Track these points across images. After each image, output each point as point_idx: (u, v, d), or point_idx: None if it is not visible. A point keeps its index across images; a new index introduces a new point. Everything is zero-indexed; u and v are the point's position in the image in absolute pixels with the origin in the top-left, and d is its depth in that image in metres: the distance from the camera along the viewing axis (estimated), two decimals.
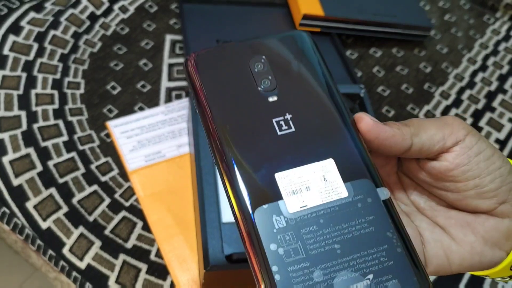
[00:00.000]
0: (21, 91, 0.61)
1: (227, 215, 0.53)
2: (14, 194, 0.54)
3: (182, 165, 0.59)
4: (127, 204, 0.55)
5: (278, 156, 0.25)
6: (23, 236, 0.54)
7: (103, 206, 0.55)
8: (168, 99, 0.65)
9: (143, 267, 0.52)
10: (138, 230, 0.54)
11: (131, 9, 0.73)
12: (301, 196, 0.24)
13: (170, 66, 0.68)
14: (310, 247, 0.23)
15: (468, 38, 0.85)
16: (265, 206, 0.24)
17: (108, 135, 0.60)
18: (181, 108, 0.64)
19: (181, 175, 0.58)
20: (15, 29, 0.66)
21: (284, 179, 0.24)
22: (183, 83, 0.67)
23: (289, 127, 0.26)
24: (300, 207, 0.24)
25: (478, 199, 0.26)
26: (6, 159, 0.55)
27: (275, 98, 0.27)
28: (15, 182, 0.54)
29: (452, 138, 0.26)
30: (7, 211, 0.54)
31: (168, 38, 0.71)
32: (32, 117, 0.59)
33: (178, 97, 0.65)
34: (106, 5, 0.72)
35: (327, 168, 0.25)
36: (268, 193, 0.24)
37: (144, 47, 0.69)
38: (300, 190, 0.24)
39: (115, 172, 0.57)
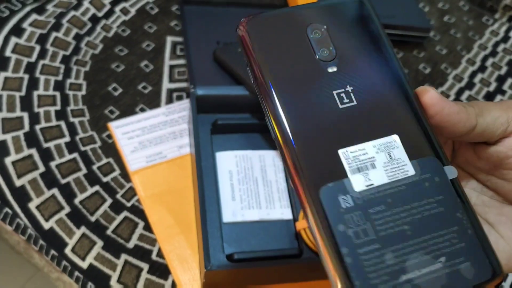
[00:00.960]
0: (23, 93, 0.61)
1: (227, 215, 0.54)
2: (17, 194, 0.55)
3: (183, 165, 0.59)
4: (128, 204, 0.56)
5: (341, 130, 0.24)
6: (26, 237, 0.54)
7: (105, 207, 0.55)
8: (169, 100, 0.65)
9: (145, 266, 0.52)
10: (139, 230, 0.54)
11: (132, 11, 0.74)
12: (366, 174, 0.23)
13: (171, 67, 0.69)
14: (380, 228, 0.22)
15: (467, 39, 0.85)
16: (330, 185, 0.22)
17: (109, 136, 0.60)
18: (182, 109, 0.64)
19: (182, 176, 0.58)
20: (17, 31, 0.67)
21: (348, 155, 0.23)
22: (184, 85, 0.67)
23: (351, 100, 0.24)
24: (367, 186, 0.23)
25: None
26: (8, 160, 0.56)
27: (334, 69, 0.25)
28: (18, 182, 0.55)
29: None
30: (10, 211, 0.54)
31: (169, 39, 0.72)
32: (34, 118, 0.59)
33: (179, 98, 0.66)
34: (108, 7, 0.73)
35: (392, 144, 0.24)
36: (332, 171, 0.23)
37: (145, 49, 0.70)
38: (366, 167, 0.23)
39: (116, 172, 0.58)
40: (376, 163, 0.23)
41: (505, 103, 0.25)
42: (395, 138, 0.24)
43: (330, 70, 0.25)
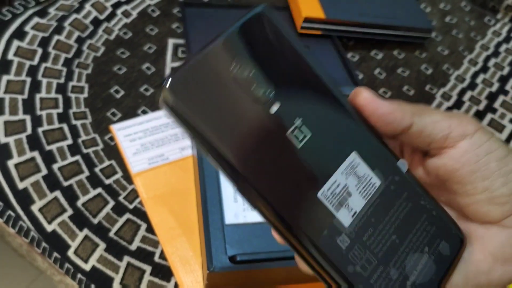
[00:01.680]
0: (25, 96, 0.61)
1: (229, 217, 0.54)
2: (19, 197, 0.55)
3: (185, 167, 0.59)
4: (131, 206, 0.56)
5: (310, 172, 0.22)
6: (28, 239, 0.54)
7: (107, 209, 0.55)
8: None
9: (147, 268, 0.52)
10: (142, 232, 0.54)
11: (134, 13, 0.74)
12: (347, 205, 0.23)
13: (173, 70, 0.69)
14: (376, 250, 0.23)
15: (469, 39, 0.85)
16: (325, 233, 0.22)
17: (111, 139, 0.61)
18: None
19: (184, 178, 0.58)
20: (20, 34, 0.67)
21: (327, 194, 0.23)
22: None
23: (305, 134, 0.22)
24: (352, 216, 0.23)
25: (489, 205, 0.23)
26: (11, 163, 0.56)
27: (277, 107, 0.22)
28: (20, 185, 0.55)
29: (458, 130, 0.23)
30: (13, 214, 0.54)
31: (171, 42, 0.72)
32: (36, 121, 0.60)
33: None
34: (109, 10, 0.73)
35: (355, 163, 0.23)
36: (320, 217, 0.22)
37: (147, 51, 0.70)
38: (345, 199, 0.23)
39: (119, 175, 0.58)
40: (350, 189, 0.23)
41: (451, 112, 0.25)
42: (354, 155, 0.23)
43: (273, 110, 0.22)
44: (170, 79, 0.21)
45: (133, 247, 0.53)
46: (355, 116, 0.24)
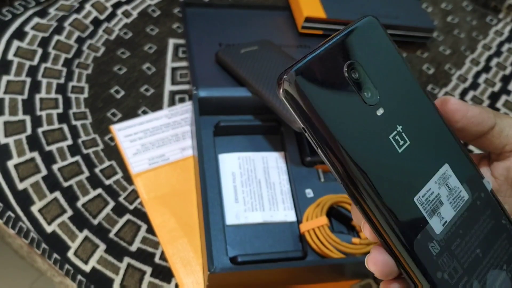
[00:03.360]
0: (25, 96, 0.61)
1: (231, 217, 0.53)
2: (19, 198, 0.54)
3: (185, 168, 0.59)
4: (131, 207, 0.56)
5: (408, 176, 0.23)
6: (28, 240, 0.54)
7: (108, 210, 0.55)
8: (172, 103, 0.65)
9: (148, 270, 0.52)
10: (142, 233, 0.54)
11: (134, 13, 0.74)
12: (439, 213, 0.24)
13: (173, 69, 0.69)
14: (462, 260, 0.24)
15: (471, 39, 0.85)
16: (419, 237, 0.23)
17: (112, 139, 0.60)
18: (184, 111, 0.64)
19: (185, 178, 0.58)
20: (20, 34, 0.66)
21: (422, 200, 0.23)
22: (186, 87, 0.67)
23: (405, 141, 0.24)
24: (443, 225, 0.24)
25: None
26: (11, 163, 0.56)
27: (382, 111, 0.24)
28: (20, 186, 0.55)
29: None
30: (12, 215, 0.54)
31: (171, 42, 0.72)
32: (36, 122, 0.59)
33: (181, 100, 0.65)
34: (110, 10, 0.73)
35: (447, 174, 0.24)
36: (415, 222, 0.23)
37: (147, 51, 0.70)
38: (437, 207, 0.24)
39: (119, 175, 0.58)
40: (442, 199, 0.24)
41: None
42: (446, 168, 0.25)
43: (379, 113, 0.24)
44: (295, 69, 0.22)
45: (133, 248, 0.53)
46: (447, 128, 0.25)
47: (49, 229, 0.53)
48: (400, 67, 0.25)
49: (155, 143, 0.61)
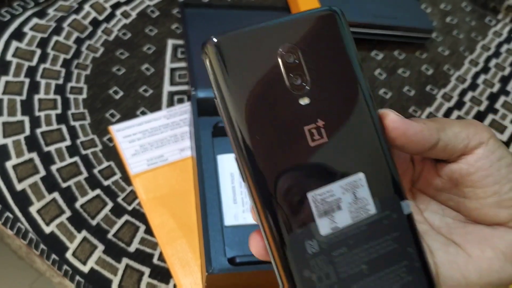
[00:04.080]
0: (24, 97, 0.61)
1: (229, 218, 0.53)
2: (18, 198, 0.54)
3: (184, 168, 0.59)
4: (129, 208, 0.56)
5: (311, 171, 0.23)
6: (27, 241, 0.54)
7: (106, 210, 0.55)
8: (170, 103, 0.65)
9: (146, 270, 0.52)
10: (141, 233, 0.54)
11: (133, 14, 0.74)
12: (332, 217, 0.23)
13: (172, 70, 0.69)
14: (340, 270, 0.23)
15: (469, 40, 0.85)
16: (298, 231, 0.22)
17: (110, 140, 0.60)
18: (183, 112, 0.64)
19: (184, 179, 0.58)
20: (18, 35, 0.66)
21: (316, 198, 0.23)
22: (185, 87, 0.67)
23: (321, 137, 0.23)
24: (332, 229, 0.23)
25: (497, 208, 0.25)
26: (9, 164, 0.56)
27: (307, 101, 0.23)
28: (19, 187, 0.55)
29: (476, 139, 0.25)
30: (11, 215, 0.54)
31: (170, 42, 0.72)
32: (35, 122, 0.59)
33: (180, 101, 0.65)
34: (109, 10, 0.73)
35: (358, 183, 0.23)
36: (300, 216, 0.23)
37: (146, 52, 0.70)
38: (332, 210, 0.23)
39: (117, 176, 0.58)
40: (342, 204, 0.23)
41: (465, 120, 0.26)
42: (360, 176, 0.23)
43: (302, 102, 0.23)
44: (219, 38, 0.23)
45: (131, 249, 0.53)
46: (379, 141, 0.24)
47: (47, 229, 0.53)
48: (346, 65, 0.24)
49: (153, 144, 0.61)
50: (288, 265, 0.22)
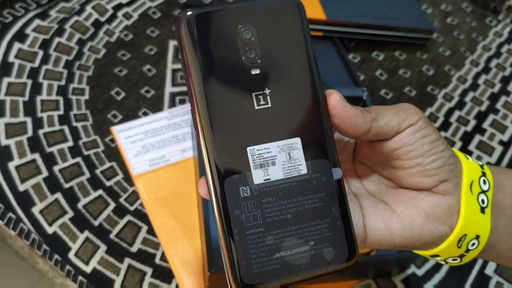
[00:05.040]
0: (26, 98, 0.61)
1: None
2: (20, 199, 0.55)
3: (186, 169, 0.59)
4: (131, 208, 0.56)
5: (252, 130, 0.27)
6: (29, 242, 0.54)
7: (108, 211, 0.55)
8: (172, 104, 0.65)
9: (148, 270, 0.52)
10: (143, 234, 0.54)
11: (135, 15, 0.74)
12: (266, 170, 0.27)
13: (174, 71, 0.69)
14: (267, 215, 0.26)
15: (470, 40, 0.85)
16: (234, 176, 0.26)
17: (112, 140, 0.61)
18: (184, 113, 0.64)
19: (185, 179, 0.58)
20: (21, 36, 0.67)
21: (254, 152, 0.27)
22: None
23: (266, 103, 0.27)
24: (264, 180, 0.27)
25: (421, 177, 0.29)
26: (12, 165, 0.56)
27: (257, 71, 0.27)
28: (21, 187, 0.55)
29: (406, 123, 0.28)
30: (14, 216, 0.54)
31: (171, 44, 0.72)
32: (37, 123, 0.60)
33: (182, 102, 0.66)
34: (110, 12, 0.73)
35: (294, 146, 0.27)
36: (239, 164, 0.26)
37: (147, 53, 0.70)
38: (267, 164, 0.27)
39: (119, 176, 0.58)
40: (276, 161, 0.27)
41: (399, 106, 0.29)
42: (297, 140, 0.27)
43: (253, 72, 0.27)
44: (190, 13, 0.27)
45: (134, 249, 0.53)
46: (321, 111, 0.28)
47: (50, 230, 0.53)
48: (297, 46, 0.28)
49: (155, 145, 0.61)
50: (222, 207, 0.26)
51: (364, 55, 0.78)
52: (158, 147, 0.61)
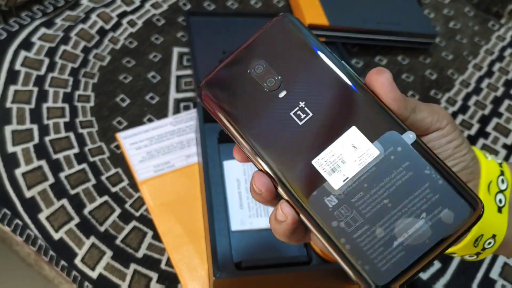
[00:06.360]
0: (32, 105, 0.62)
1: (236, 223, 0.54)
2: (27, 206, 0.55)
3: (190, 174, 0.59)
4: (137, 214, 0.56)
5: (308, 144, 0.27)
6: (36, 248, 0.55)
7: (114, 217, 0.55)
8: (177, 110, 0.66)
9: (154, 276, 0.52)
10: (148, 239, 0.55)
11: (139, 23, 0.75)
12: (340, 171, 0.26)
13: (178, 78, 0.69)
14: (364, 211, 0.26)
15: (473, 44, 0.85)
16: (314, 193, 0.26)
17: (118, 147, 0.61)
18: (189, 118, 0.65)
19: (190, 185, 0.59)
20: (27, 45, 0.68)
21: (321, 162, 0.27)
22: (191, 94, 0.68)
23: (307, 114, 0.27)
24: (343, 181, 0.26)
25: None
26: (18, 172, 0.57)
27: (284, 93, 0.28)
28: (28, 194, 0.56)
29: (436, 125, 0.28)
30: (20, 222, 0.55)
31: (176, 50, 0.73)
32: (43, 130, 0.60)
33: (186, 108, 0.66)
34: (115, 19, 0.74)
35: (353, 136, 0.27)
36: (313, 180, 0.26)
37: (152, 60, 0.71)
38: (338, 166, 0.26)
39: (125, 182, 0.58)
40: (344, 158, 0.27)
41: (431, 106, 0.29)
42: (353, 129, 0.27)
43: (281, 95, 0.28)
44: (204, 81, 0.29)
45: (139, 254, 0.53)
46: (362, 91, 0.27)
47: (56, 236, 0.54)
48: (308, 53, 0.28)
49: (160, 151, 0.61)
50: (317, 223, 0.26)
51: (367, 60, 0.79)
52: (163, 153, 0.61)
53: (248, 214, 0.55)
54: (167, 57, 0.72)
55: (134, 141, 0.62)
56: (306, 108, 0.27)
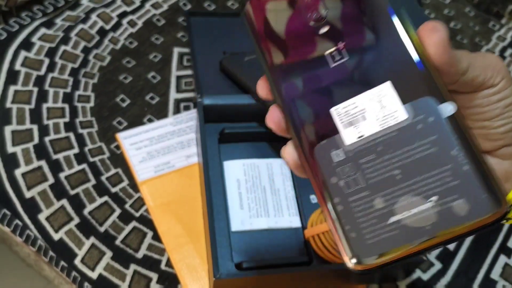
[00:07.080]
0: (32, 105, 0.62)
1: (236, 224, 0.54)
2: (27, 206, 0.55)
3: (191, 175, 0.59)
4: (137, 214, 0.56)
5: (333, 89, 0.25)
6: (36, 248, 0.55)
7: (114, 217, 0.55)
8: (177, 111, 0.66)
9: (154, 276, 0.52)
10: (148, 240, 0.54)
11: (139, 23, 0.75)
12: (357, 127, 0.24)
13: (178, 78, 0.69)
14: (369, 175, 0.23)
15: (473, 45, 0.85)
16: (323, 142, 0.25)
17: (118, 147, 0.61)
18: (189, 119, 0.64)
19: (190, 185, 0.58)
20: (27, 45, 0.67)
21: (340, 112, 0.24)
22: (191, 95, 0.68)
23: (342, 57, 0.25)
24: (358, 138, 0.24)
25: (483, 139, 0.26)
26: (18, 172, 0.57)
27: (326, 29, 0.26)
28: (28, 194, 0.55)
29: (489, 83, 0.25)
30: (20, 223, 0.55)
31: (176, 50, 0.73)
32: (43, 131, 0.60)
33: (187, 108, 0.66)
34: (115, 20, 0.74)
35: (383, 92, 0.24)
36: (325, 129, 0.25)
37: (152, 60, 0.71)
38: (357, 121, 0.24)
39: (125, 183, 0.58)
40: (366, 114, 0.24)
41: (488, 58, 0.26)
42: (386, 85, 0.24)
43: (321, 31, 0.26)
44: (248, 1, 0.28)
45: (139, 255, 0.53)
46: (410, 47, 0.24)
47: (56, 236, 0.54)
48: None
49: (160, 151, 0.61)
50: (320, 174, 0.24)
51: None
52: (163, 153, 0.61)
53: (248, 215, 0.55)
54: (167, 57, 0.71)
55: (134, 142, 0.61)
56: (344, 51, 0.25)
